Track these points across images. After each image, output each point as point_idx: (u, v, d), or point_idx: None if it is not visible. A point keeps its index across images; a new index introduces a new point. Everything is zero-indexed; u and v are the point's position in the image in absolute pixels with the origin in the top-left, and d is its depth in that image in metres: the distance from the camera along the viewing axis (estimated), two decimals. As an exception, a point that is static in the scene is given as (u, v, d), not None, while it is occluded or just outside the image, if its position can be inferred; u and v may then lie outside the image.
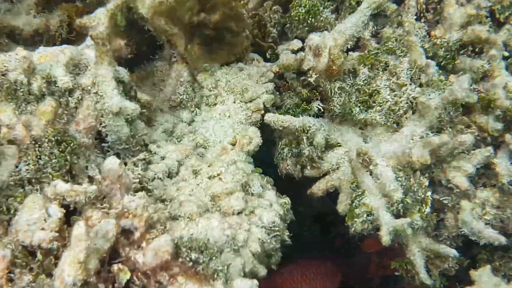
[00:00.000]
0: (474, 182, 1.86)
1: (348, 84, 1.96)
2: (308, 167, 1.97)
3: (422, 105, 1.79)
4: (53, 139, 1.37)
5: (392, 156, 1.80)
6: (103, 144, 1.58)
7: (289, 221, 1.74)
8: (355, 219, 1.81)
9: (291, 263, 2.22)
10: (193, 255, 1.20)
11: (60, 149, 1.37)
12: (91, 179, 1.43)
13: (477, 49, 2.01)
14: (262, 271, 1.43)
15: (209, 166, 1.69)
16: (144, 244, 1.20)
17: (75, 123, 1.43)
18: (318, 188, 1.99)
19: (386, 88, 1.92)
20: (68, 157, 1.37)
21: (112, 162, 1.30)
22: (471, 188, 1.81)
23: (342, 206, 1.93)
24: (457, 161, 1.76)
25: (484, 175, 1.87)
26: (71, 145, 1.39)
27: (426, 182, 1.76)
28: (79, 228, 1.13)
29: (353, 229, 1.81)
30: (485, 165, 1.83)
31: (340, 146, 1.97)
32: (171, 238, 1.19)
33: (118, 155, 1.59)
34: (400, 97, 1.90)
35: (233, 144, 1.85)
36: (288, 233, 1.63)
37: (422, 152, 1.71)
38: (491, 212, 1.81)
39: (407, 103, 1.90)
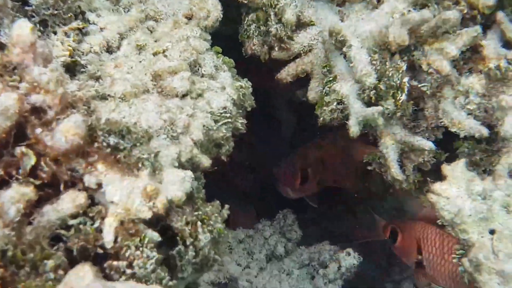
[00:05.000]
0: (460, 68, 1.64)
1: (325, -49, 1.68)
2: (276, 48, 1.75)
3: (404, -24, 1.53)
4: None
5: (368, 36, 1.57)
6: (26, 8, 1.33)
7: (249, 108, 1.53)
8: (324, 108, 1.63)
9: None
10: (112, 140, 1.01)
11: (-42, 10, 1.13)
12: (3, 47, 1.20)
13: None
14: (206, 161, 1.23)
15: (155, 41, 1.46)
16: (54, 125, 1.00)
17: (-23, -22, 1.17)
18: (287, 73, 1.80)
19: (367, -44, 1.65)
20: (-32, 20, 1.14)
21: (21, 26, 1.05)
22: (453, 73, 1.59)
23: (312, 93, 1.76)
24: (439, 43, 1.53)
25: (471, 59, 1.63)
26: (-27, 5, 1.14)
27: (403, 67, 1.54)
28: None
29: (321, 118, 1.65)
30: (473, 48, 1.61)
31: (313, 24, 1.73)
32: (82, 118, 0.98)
33: (45, 22, 1.35)
34: (383, -33, 1.63)
35: (189, 18, 1.60)
36: (243, 121, 1.41)
37: (400, 31, 1.47)
38: (475, 101, 1.60)
39: (390, -26, 1.63)
